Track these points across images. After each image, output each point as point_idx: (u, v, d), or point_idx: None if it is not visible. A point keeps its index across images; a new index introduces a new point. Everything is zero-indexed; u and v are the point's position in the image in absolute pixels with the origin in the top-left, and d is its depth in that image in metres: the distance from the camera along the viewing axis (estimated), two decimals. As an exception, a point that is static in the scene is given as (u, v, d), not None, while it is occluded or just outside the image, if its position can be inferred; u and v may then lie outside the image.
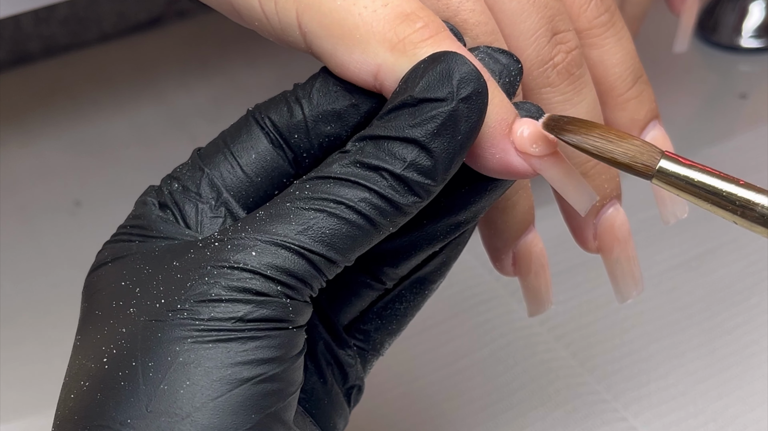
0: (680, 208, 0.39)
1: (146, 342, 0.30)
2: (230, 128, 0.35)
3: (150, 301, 0.31)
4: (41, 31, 0.70)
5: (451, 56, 0.31)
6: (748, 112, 0.63)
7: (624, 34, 0.38)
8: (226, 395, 0.30)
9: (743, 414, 0.45)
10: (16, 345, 0.52)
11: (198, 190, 0.33)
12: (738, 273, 0.52)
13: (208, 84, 0.68)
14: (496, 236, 0.38)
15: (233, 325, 0.30)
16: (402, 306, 0.37)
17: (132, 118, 0.66)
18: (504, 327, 0.50)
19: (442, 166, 0.31)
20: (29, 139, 0.65)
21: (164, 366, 0.30)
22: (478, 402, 0.47)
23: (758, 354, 0.48)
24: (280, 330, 0.31)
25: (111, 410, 0.30)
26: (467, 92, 0.31)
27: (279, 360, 0.30)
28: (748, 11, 0.67)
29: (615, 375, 0.47)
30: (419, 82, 0.31)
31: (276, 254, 0.30)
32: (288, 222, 0.31)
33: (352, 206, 0.31)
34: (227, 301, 0.30)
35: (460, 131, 0.31)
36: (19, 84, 0.69)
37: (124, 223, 0.34)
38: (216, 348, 0.30)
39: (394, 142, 0.31)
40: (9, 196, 0.61)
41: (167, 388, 0.29)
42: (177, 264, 0.31)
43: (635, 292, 0.39)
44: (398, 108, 0.31)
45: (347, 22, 0.32)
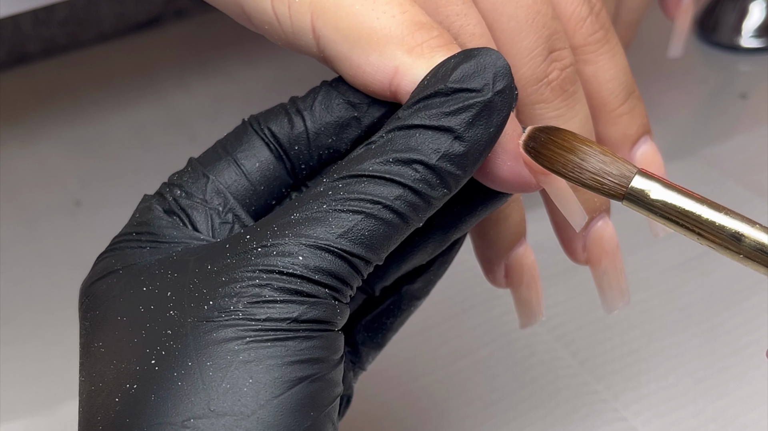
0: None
1: (199, 342, 0.30)
2: (228, 137, 0.35)
3: (194, 304, 0.30)
4: (40, 33, 0.70)
5: (487, 51, 0.32)
6: (748, 112, 0.64)
7: (618, 50, 0.38)
8: (287, 393, 0.30)
9: (743, 414, 0.45)
10: (16, 345, 0.52)
11: (204, 196, 0.34)
12: (738, 273, 0.52)
13: (207, 83, 0.68)
14: (488, 248, 0.39)
15: (288, 325, 0.30)
16: (389, 320, 0.38)
17: (132, 118, 0.66)
18: (504, 327, 0.50)
19: (473, 156, 0.31)
20: (29, 139, 0.65)
21: (224, 365, 0.30)
22: (478, 402, 0.47)
23: (758, 354, 0.48)
24: (329, 332, 0.31)
25: (170, 411, 0.29)
26: (502, 85, 0.31)
27: (328, 361, 0.31)
28: (748, 11, 0.67)
29: (615, 375, 0.48)
30: (452, 73, 0.31)
31: (321, 258, 0.30)
32: (327, 225, 0.31)
33: (388, 205, 0.31)
34: (282, 302, 0.30)
35: (493, 123, 0.31)
36: (19, 84, 0.69)
37: (125, 230, 0.34)
38: (274, 347, 0.30)
39: (426, 131, 0.31)
40: (9, 196, 0.61)
41: (230, 386, 0.29)
42: (215, 269, 0.31)
43: (621, 303, 0.40)
44: (430, 97, 0.31)
45: (365, 26, 0.33)
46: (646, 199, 0.31)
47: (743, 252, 0.30)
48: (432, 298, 0.52)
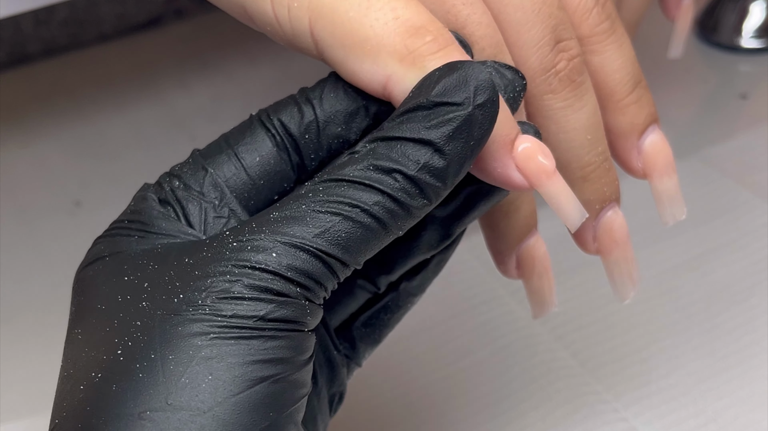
0: (678, 209, 0.40)
1: (165, 335, 0.30)
2: (233, 130, 0.35)
3: (166, 296, 0.31)
4: (41, 33, 0.70)
5: (469, 64, 0.32)
6: (748, 112, 0.64)
7: (624, 40, 0.38)
8: (246, 392, 0.30)
9: (744, 414, 0.45)
10: (16, 345, 0.52)
11: (201, 188, 0.34)
12: (738, 273, 0.52)
13: (207, 83, 0.68)
14: (499, 239, 0.39)
15: (255, 323, 0.30)
16: (386, 316, 0.38)
17: (132, 118, 0.66)
18: (504, 328, 0.50)
19: (453, 169, 0.32)
20: (29, 139, 0.65)
21: (185, 360, 0.30)
22: (478, 402, 0.47)
23: (758, 354, 0.48)
24: (297, 332, 0.31)
25: (129, 401, 0.29)
26: (483, 99, 0.31)
27: (294, 361, 0.31)
28: (749, 11, 0.67)
29: (615, 375, 0.48)
30: (435, 86, 0.31)
31: (295, 256, 0.30)
32: (305, 224, 0.31)
33: (366, 209, 0.31)
34: (250, 299, 0.30)
35: (474, 136, 0.32)
36: (19, 84, 0.69)
37: (120, 218, 0.34)
38: (237, 345, 0.30)
39: (407, 143, 0.31)
40: (9, 196, 0.61)
41: (189, 382, 0.29)
42: (191, 262, 0.31)
43: (633, 292, 0.40)
44: (412, 110, 0.32)
45: (359, 33, 0.33)
46: None
47: None
48: (432, 298, 0.52)
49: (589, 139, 0.36)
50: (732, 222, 0.55)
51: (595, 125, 0.36)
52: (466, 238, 0.55)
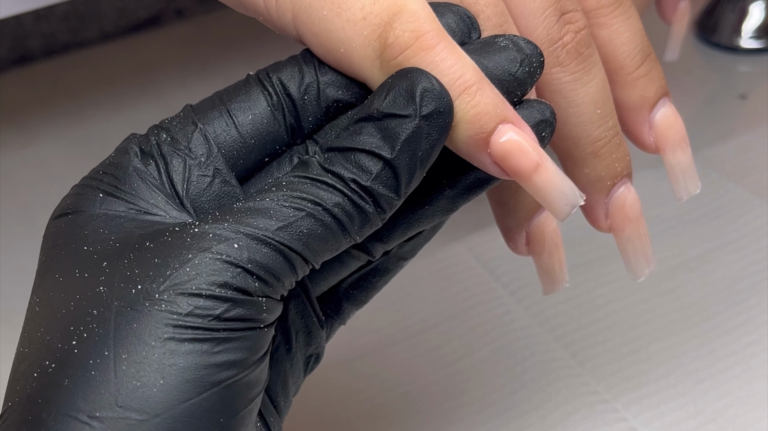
0: (693, 183, 0.39)
1: (120, 331, 0.30)
2: (227, 88, 0.34)
3: (123, 284, 0.30)
4: (41, 28, 0.70)
5: (417, 73, 0.31)
6: (748, 113, 0.64)
7: (632, 12, 0.38)
8: (197, 398, 0.29)
9: (743, 414, 0.45)
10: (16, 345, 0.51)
11: (188, 143, 0.33)
12: (738, 273, 0.52)
13: (208, 84, 0.68)
14: (508, 216, 0.38)
15: (209, 323, 0.30)
16: (375, 279, 0.38)
17: (132, 118, 0.66)
18: (504, 327, 0.50)
19: (404, 180, 0.32)
20: (29, 139, 0.65)
21: (138, 361, 0.29)
22: (478, 402, 0.47)
23: (758, 354, 0.48)
24: (252, 330, 0.30)
25: (79, 400, 0.29)
26: (429, 110, 0.31)
27: (248, 362, 0.30)
28: (748, 12, 0.67)
29: (615, 375, 0.48)
30: (385, 96, 0.31)
31: (257, 249, 0.30)
32: (269, 217, 0.31)
33: (328, 209, 0.31)
34: (207, 297, 0.30)
35: (421, 148, 0.31)
36: (20, 84, 0.69)
37: (97, 167, 0.34)
38: (192, 346, 0.29)
39: (360, 153, 0.31)
40: (9, 196, 0.61)
41: (140, 385, 0.29)
42: (151, 246, 0.31)
43: (648, 270, 0.39)
44: (364, 120, 0.32)
45: (333, 35, 0.33)
46: None
47: None
48: (432, 298, 0.52)
49: (599, 113, 0.36)
50: (732, 222, 0.55)
51: (604, 99, 0.36)
52: (466, 238, 0.55)
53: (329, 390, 0.48)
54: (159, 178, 0.33)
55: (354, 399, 0.47)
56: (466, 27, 0.33)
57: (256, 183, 0.34)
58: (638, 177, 0.45)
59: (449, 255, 0.54)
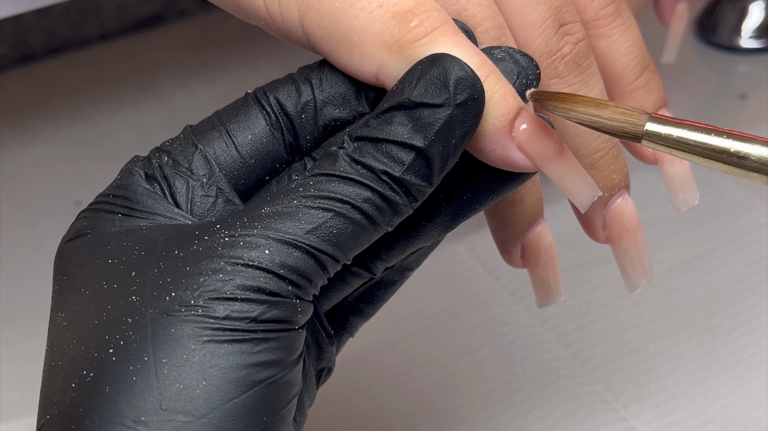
0: (690, 194, 0.39)
1: (158, 337, 0.30)
2: (226, 107, 0.35)
3: (156, 292, 0.30)
4: (42, 23, 0.70)
5: (449, 60, 0.31)
6: (748, 112, 0.64)
7: (631, 23, 0.38)
8: (240, 397, 0.29)
9: (743, 414, 0.45)
10: (16, 345, 0.52)
11: (189, 165, 0.33)
12: (738, 273, 0.52)
13: (208, 84, 0.68)
14: (504, 228, 0.38)
15: (247, 325, 0.30)
16: (380, 291, 0.38)
17: (132, 118, 0.66)
18: (504, 327, 0.50)
19: (437, 169, 0.32)
20: (29, 139, 0.65)
21: (179, 364, 0.29)
22: (478, 402, 0.47)
23: (758, 354, 0.48)
24: (288, 332, 0.31)
25: (122, 405, 0.29)
26: (463, 98, 0.31)
27: (286, 362, 0.31)
28: (748, 11, 0.67)
29: (615, 375, 0.47)
30: (416, 84, 0.31)
31: (288, 253, 0.30)
32: (297, 220, 0.31)
33: (357, 206, 0.31)
34: (242, 300, 0.30)
35: (455, 135, 0.31)
36: (20, 84, 0.69)
37: (105, 191, 0.34)
38: (231, 348, 0.30)
39: (390, 145, 0.31)
40: (9, 196, 0.61)
41: (183, 387, 0.29)
42: (180, 254, 0.31)
43: (644, 281, 0.39)
44: (395, 109, 0.31)
45: (345, 25, 0.32)
46: (665, 135, 0.31)
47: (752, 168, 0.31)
48: (432, 298, 0.52)
49: None
50: (732, 222, 0.55)
51: None
52: (466, 238, 0.55)
53: (329, 390, 0.48)
54: (165, 198, 0.33)
55: (354, 398, 0.47)
56: None
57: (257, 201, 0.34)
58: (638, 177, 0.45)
59: (449, 255, 0.54)
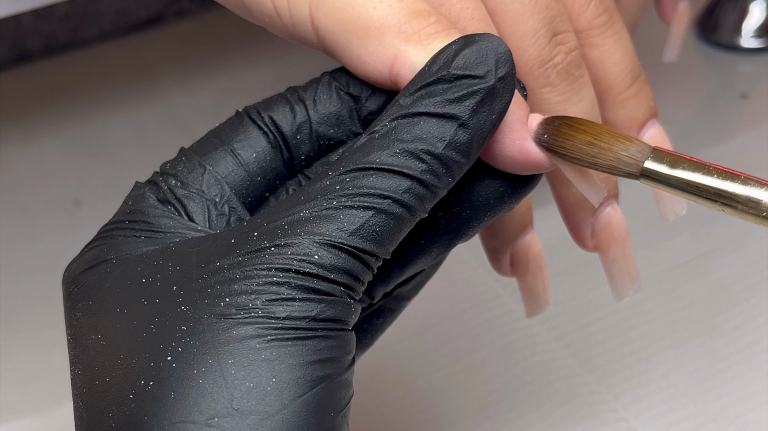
0: (679, 205, 0.39)
1: (218, 340, 0.29)
2: (221, 126, 0.34)
3: (208, 300, 0.30)
4: (41, 28, 0.70)
5: (488, 37, 0.31)
6: (748, 112, 0.63)
7: (623, 34, 0.38)
8: (310, 393, 0.29)
9: (744, 414, 0.45)
10: (16, 345, 0.52)
11: (201, 186, 0.33)
12: (738, 273, 0.52)
13: (208, 84, 0.68)
14: (493, 236, 0.38)
15: (308, 324, 0.30)
16: (378, 321, 0.38)
17: (132, 118, 0.66)
18: (504, 327, 0.50)
19: (477, 143, 0.31)
20: (29, 139, 0.65)
21: (246, 364, 0.29)
22: (478, 402, 0.47)
23: (758, 354, 0.48)
24: (344, 331, 0.31)
25: (191, 409, 0.29)
26: (504, 71, 0.31)
27: (343, 361, 0.31)
28: (748, 11, 0.67)
29: (615, 375, 0.48)
30: (454, 59, 0.31)
31: (336, 256, 0.30)
32: (339, 221, 0.30)
33: (398, 199, 0.31)
34: (300, 300, 0.30)
35: (496, 109, 0.31)
36: (20, 84, 0.69)
37: (118, 218, 0.34)
38: (295, 347, 0.29)
39: (430, 119, 0.31)
40: (9, 196, 0.61)
41: (253, 386, 0.29)
42: (225, 266, 0.30)
43: (632, 290, 0.39)
44: (432, 84, 0.31)
45: (362, 16, 0.32)
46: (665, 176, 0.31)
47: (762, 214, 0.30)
48: (432, 298, 0.52)
49: None
50: (732, 222, 0.55)
51: (593, 119, 0.36)
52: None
53: (329, 390, 0.48)
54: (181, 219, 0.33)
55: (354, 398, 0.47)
56: None
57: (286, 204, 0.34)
58: (638, 177, 0.45)
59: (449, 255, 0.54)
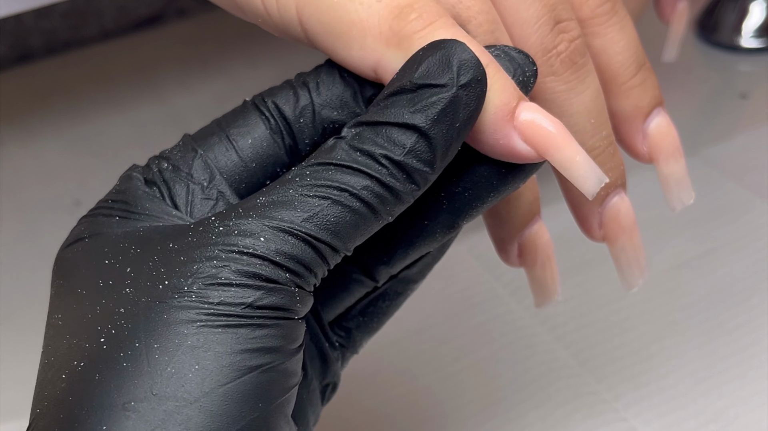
0: (686, 193, 0.39)
1: (150, 323, 0.29)
2: (225, 115, 0.35)
3: (150, 282, 0.30)
4: (42, 25, 0.70)
5: (451, 43, 0.31)
6: (748, 112, 0.64)
7: (627, 22, 0.37)
8: (235, 382, 0.29)
9: (744, 414, 0.45)
10: (16, 345, 0.52)
11: (190, 170, 0.33)
12: (738, 273, 0.52)
13: (208, 83, 0.68)
14: (500, 227, 0.38)
15: (243, 311, 0.29)
16: (385, 304, 0.37)
17: (132, 118, 0.66)
18: (504, 327, 0.50)
19: (440, 153, 0.31)
20: (29, 139, 0.65)
21: (171, 349, 0.29)
22: (478, 402, 0.47)
23: (758, 354, 0.48)
24: (286, 320, 0.30)
25: (112, 392, 0.29)
26: (467, 78, 0.31)
27: (284, 350, 0.30)
28: (748, 11, 0.67)
29: (615, 375, 0.48)
30: (418, 68, 0.31)
31: (284, 240, 0.30)
32: (293, 208, 0.30)
33: (355, 194, 0.31)
34: (237, 286, 0.29)
35: (459, 118, 0.31)
36: (20, 83, 0.69)
37: (105, 197, 0.34)
38: (225, 334, 0.29)
39: (392, 128, 0.31)
40: (9, 196, 0.61)
41: (174, 371, 0.29)
42: (175, 247, 0.30)
43: (641, 280, 0.39)
44: (396, 93, 0.31)
45: (344, 19, 0.32)
46: None
47: None
48: (432, 298, 0.52)
49: (593, 122, 0.36)
50: (732, 222, 0.55)
51: (598, 109, 0.36)
52: (465, 238, 0.55)
53: (329, 390, 0.48)
54: (164, 201, 0.33)
55: (354, 398, 0.47)
56: None
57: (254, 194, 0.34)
58: (638, 177, 0.45)
59: (449, 255, 0.54)
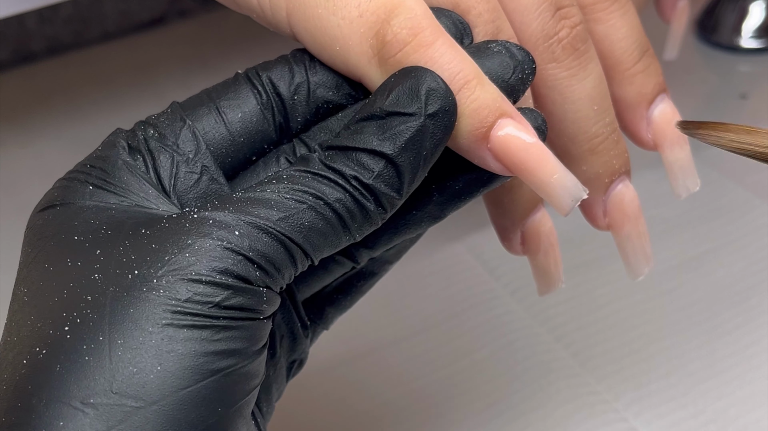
0: (691, 180, 0.39)
1: (116, 317, 0.29)
2: (216, 85, 0.34)
3: (119, 270, 0.29)
4: (45, 30, 0.70)
5: (422, 72, 0.31)
6: (748, 112, 0.64)
7: (629, 8, 0.37)
8: (195, 386, 0.29)
9: (744, 414, 0.45)
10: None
11: (176, 140, 0.33)
12: (738, 273, 0.52)
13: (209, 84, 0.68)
14: (503, 215, 0.38)
15: (209, 310, 0.29)
16: (360, 283, 0.37)
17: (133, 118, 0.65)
18: (504, 327, 0.50)
19: (407, 179, 0.31)
20: (29, 139, 0.65)
21: (134, 346, 0.28)
22: (478, 403, 0.47)
23: (758, 354, 0.48)
24: (252, 320, 0.30)
25: (72, 386, 0.28)
26: (434, 108, 0.31)
27: (247, 352, 0.30)
28: (748, 11, 0.67)
29: (615, 375, 0.48)
30: (389, 95, 0.31)
31: (258, 238, 0.30)
32: (270, 207, 0.30)
33: (329, 203, 0.31)
34: (207, 283, 0.29)
35: (425, 147, 0.31)
36: (21, 83, 0.69)
37: (84, 160, 0.33)
38: (190, 333, 0.29)
39: (362, 153, 0.31)
40: (9, 196, 0.61)
41: (136, 371, 0.28)
42: (147, 233, 0.30)
43: (647, 268, 0.39)
44: (366, 119, 0.31)
45: (327, 33, 0.32)
46: None
47: None
48: (432, 298, 0.52)
49: (596, 109, 0.36)
50: (732, 222, 0.55)
51: (601, 95, 0.36)
52: (466, 238, 0.55)
53: (330, 389, 0.48)
54: (147, 172, 0.32)
55: (354, 398, 0.47)
56: (458, 32, 0.33)
57: (242, 181, 0.33)
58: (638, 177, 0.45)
59: (449, 255, 0.54)
